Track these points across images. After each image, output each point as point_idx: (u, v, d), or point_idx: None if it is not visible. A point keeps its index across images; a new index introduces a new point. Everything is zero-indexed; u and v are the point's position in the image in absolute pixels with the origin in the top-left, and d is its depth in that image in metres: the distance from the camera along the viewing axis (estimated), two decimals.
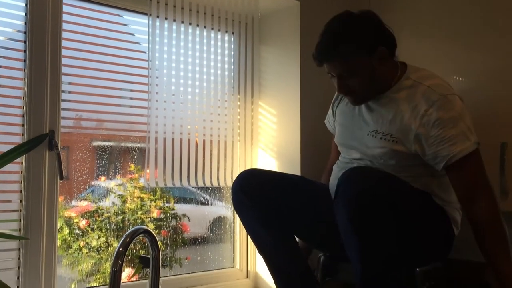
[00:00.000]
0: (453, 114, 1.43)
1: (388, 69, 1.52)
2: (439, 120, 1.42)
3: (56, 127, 1.74)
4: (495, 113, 1.85)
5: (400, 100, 1.50)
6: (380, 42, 1.47)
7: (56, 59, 1.75)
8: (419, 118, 1.44)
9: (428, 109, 1.43)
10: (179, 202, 2.24)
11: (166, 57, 1.96)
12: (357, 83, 1.49)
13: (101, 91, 1.90)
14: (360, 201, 1.32)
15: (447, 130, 1.42)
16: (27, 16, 1.71)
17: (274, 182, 1.66)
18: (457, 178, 1.47)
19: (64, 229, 1.93)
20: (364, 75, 1.48)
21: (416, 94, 1.47)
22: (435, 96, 1.44)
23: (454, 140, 1.42)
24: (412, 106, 1.46)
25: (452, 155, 1.42)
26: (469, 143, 1.43)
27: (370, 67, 1.47)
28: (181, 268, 2.15)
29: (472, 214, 1.45)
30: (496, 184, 1.81)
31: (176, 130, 1.97)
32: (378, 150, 1.52)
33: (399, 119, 1.48)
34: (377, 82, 1.52)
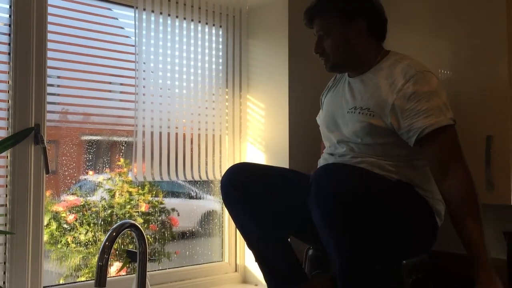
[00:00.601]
0: (429, 89, 1.46)
1: (366, 45, 1.58)
2: (415, 94, 1.45)
3: (42, 121, 1.73)
4: (480, 106, 1.86)
5: (379, 77, 1.55)
6: (362, 16, 1.56)
7: (41, 52, 1.73)
8: (396, 92, 1.48)
9: (405, 83, 1.47)
10: (168, 196, 2.24)
11: (153, 51, 1.95)
12: (330, 45, 1.58)
13: (88, 85, 1.89)
14: (332, 195, 1.30)
15: (422, 103, 1.45)
16: (12, 8, 1.69)
17: (263, 176, 1.66)
18: (430, 151, 1.47)
19: (52, 223, 1.92)
20: (338, 39, 1.57)
21: (395, 70, 1.52)
22: (412, 71, 1.48)
23: (428, 113, 1.44)
24: (390, 82, 1.51)
25: (425, 126, 1.44)
26: (444, 118, 1.44)
27: (345, 34, 1.56)
28: (170, 262, 2.15)
29: (445, 186, 1.45)
30: (482, 178, 1.82)
31: (163, 123, 1.97)
32: (356, 125, 1.54)
33: (377, 94, 1.52)
34: (350, 52, 1.58)
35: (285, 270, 1.64)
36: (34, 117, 1.71)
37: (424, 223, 1.54)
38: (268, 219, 1.61)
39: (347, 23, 1.56)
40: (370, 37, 1.59)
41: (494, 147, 1.80)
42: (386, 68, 1.55)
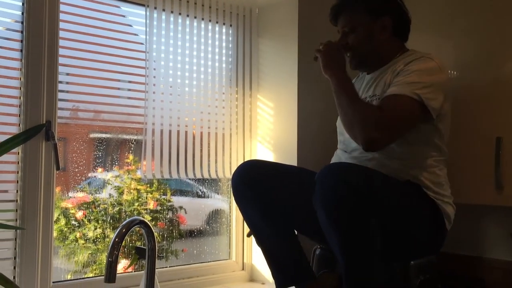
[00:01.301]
0: (414, 68, 1.47)
1: (389, 43, 1.61)
2: (401, 71, 1.49)
3: (53, 118, 1.74)
4: (490, 108, 1.86)
5: (390, 66, 1.59)
6: (388, 13, 1.59)
7: (53, 49, 1.75)
8: (392, 72, 1.53)
9: (401, 65, 1.52)
10: (176, 194, 2.24)
11: (163, 49, 1.96)
12: (356, 40, 1.61)
13: (98, 82, 1.90)
14: (336, 196, 1.29)
15: (398, 77, 1.48)
16: (24, 6, 1.70)
17: (274, 174, 1.67)
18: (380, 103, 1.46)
19: (61, 220, 1.93)
20: (363, 35, 1.60)
21: (403, 60, 1.56)
22: (412, 57, 1.53)
23: (395, 84, 1.46)
24: (394, 68, 1.55)
25: (385, 95, 1.46)
26: (406, 90, 1.42)
27: (370, 30, 1.59)
28: (177, 260, 2.16)
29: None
30: (491, 179, 1.81)
31: (173, 122, 1.97)
32: None
33: (383, 80, 1.56)
34: (374, 49, 1.61)
35: (293, 268, 1.65)
36: (45, 114, 1.72)
37: (431, 225, 1.52)
38: (278, 216, 1.62)
39: (373, 20, 1.59)
40: (395, 36, 1.62)
41: (503, 149, 1.79)
42: (400, 60, 1.58)
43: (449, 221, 1.56)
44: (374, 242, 1.33)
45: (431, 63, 1.49)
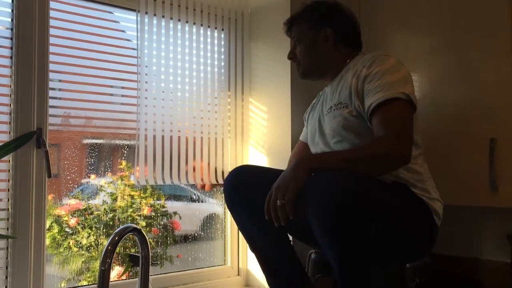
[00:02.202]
0: (380, 69, 1.49)
1: (335, 52, 1.68)
2: (368, 75, 1.50)
3: (44, 125, 1.72)
4: (484, 109, 1.86)
5: (347, 74, 1.61)
6: (329, 24, 1.68)
7: (43, 56, 1.73)
8: (356, 77, 1.54)
9: (362, 68, 1.53)
10: (170, 199, 2.23)
11: (155, 54, 1.95)
12: (300, 51, 1.72)
13: (90, 88, 1.89)
14: (326, 203, 1.28)
15: (373, 82, 1.48)
16: (14, 12, 1.69)
17: (266, 179, 1.65)
18: (374, 122, 1.47)
19: (54, 227, 1.92)
20: (307, 45, 1.70)
21: (359, 62, 1.59)
22: (369, 57, 1.55)
23: (377, 90, 1.46)
24: (353, 72, 1.57)
25: (371, 103, 1.46)
26: (392, 92, 1.44)
27: (314, 40, 1.69)
28: (172, 266, 2.14)
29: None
30: (486, 180, 1.82)
31: (166, 127, 1.96)
32: (333, 122, 1.58)
33: (345, 86, 1.58)
34: (319, 58, 1.70)
35: (288, 273, 1.64)
36: (36, 121, 1.71)
37: (422, 223, 1.52)
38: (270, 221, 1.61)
39: (316, 31, 1.68)
40: (340, 44, 1.68)
41: (497, 150, 1.80)
42: (353, 65, 1.62)
43: (438, 217, 1.56)
44: (367, 247, 1.32)
45: (391, 60, 1.53)
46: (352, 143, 1.55)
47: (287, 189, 1.32)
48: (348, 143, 1.56)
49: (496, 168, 1.80)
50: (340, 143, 1.58)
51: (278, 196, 1.33)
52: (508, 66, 1.81)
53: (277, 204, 1.33)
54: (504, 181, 1.79)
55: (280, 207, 1.32)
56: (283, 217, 1.33)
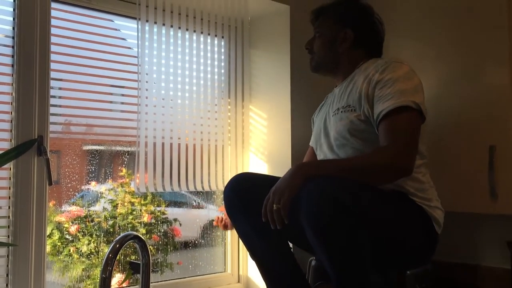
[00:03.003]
0: (393, 76, 1.48)
1: (351, 54, 1.67)
2: (380, 81, 1.49)
3: (45, 133, 1.73)
4: (484, 116, 1.87)
5: (358, 76, 1.61)
6: (352, 26, 1.66)
7: (44, 63, 1.74)
8: (367, 82, 1.53)
9: (375, 73, 1.52)
10: (170, 205, 2.23)
11: (155, 62, 1.96)
12: (318, 45, 1.72)
13: (91, 96, 1.89)
14: (321, 213, 1.28)
15: (385, 89, 1.47)
16: (15, 20, 1.70)
17: (267, 186, 1.65)
18: (381, 130, 1.46)
19: (54, 234, 1.92)
20: (325, 41, 1.70)
21: (371, 66, 1.58)
22: (382, 63, 1.55)
23: (388, 97, 1.45)
24: (365, 76, 1.56)
25: (382, 109, 1.45)
26: (403, 99, 1.43)
27: (333, 38, 1.68)
28: (172, 273, 2.14)
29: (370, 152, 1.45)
30: (486, 188, 1.82)
31: (166, 134, 1.97)
32: (339, 125, 1.57)
33: (354, 89, 1.57)
34: (333, 56, 1.69)
35: (289, 280, 1.64)
36: (37, 129, 1.71)
37: (422, 231, 1.52)
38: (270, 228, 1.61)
39: (338, 29, 1.67)
40: (358, 47, 1.67)
41: (497, 157, 1.80)
42: (364, 68, 1.61)
43: (439, 225, 1.55)
44: (364, 256, 1.32)
45: (405, 67, 1.52)
46: (355, 148, 1.54)
47: (283, 194, 1.34)
48: (351, 148, 1.55)
49: (496, 175, 1.80)
50: (343, 147, 1.58)
51: (275, 200, 1.35)
52: (507, 73, 1.81)
53: (273, 208, 1.34)
54: (504, 188, 1.79)
55: (276, 211, 1.35)
56: (279, 221, 1.35)
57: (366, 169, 1.40)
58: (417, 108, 1.44)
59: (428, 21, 2.06)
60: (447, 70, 2.00)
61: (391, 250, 1.44)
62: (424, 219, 1.52)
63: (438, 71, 2.03)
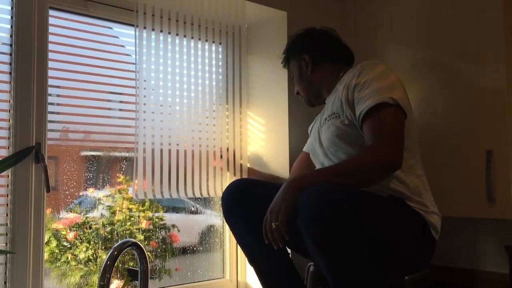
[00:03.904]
0: (369, 77, 1.53)
1: (320, 70, 1.77)
2: (357, 85, 1.54)
3: (42, 140, 1.73)
4: (480, 121, 1.87)
5: (339, 85, 1.67)
6: (305, 51, 1.79)
7: (42, 71, 1.74)
8: (346, 88, 1.58)
9: (352, 78, 1.57)
10: (169, 211, 2.23)
11: (153, 68, 1.96)
12: (297, 85, 1.85)
13: (89, 103, 1.89)
14: (319, 219, 1.28)
15: (362, 91, 1.51)
16: (13, 28, 1.70)
17: (264, 192, 1.66)
18: (364, 130, 1.49)
19: (52, 241, 1.91)
20: (297, 78, 1.83)
21: (349, 74, 1.64)
22: (358, 67, 1.60)
23: (366, 98, 1.49)
24: (344, 83, 1.61)
25: (361, 110, 1.48)
26: (380, 97, 1.46)
27: (300, 71, 1.81)
28: (171, 279, 2.14)
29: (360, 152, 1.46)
30: (483, 192, 1.82)
31: (164, 140, 1.96)
32: (328, 132, 1.62)
33: (337, 97, 1.62)
34: (311, 84, 1.80)
35: (287, 286, 1.64)
36: (35, 136, 1.71)
37: (419, 238, 1.53)
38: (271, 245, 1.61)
39: (298, 62, 1.81)
40: (322, 62, 1.76)
41: (494, 162, 1.81)
42: (346, 77, 1.65)
43: (436, 230, 1.55)
44: (362, 263, 1.32)
45: (380, 67, 1.56)
46: (346, 152, 1.56)
47: (280, 210, 1.34)
48: (343, 153, 1.57)
49: (493, 179, 1.81)
50: (336, 153, 1.60)
51: (273, 219, 1.35)
52: (503, 77, 1.82)
53: (272, 226, 1.34)
54: (501, 193, 1.80)
55: (275, 229, 1.34)
56: (280, 238, 1.34)
57: (357, 170, 1.41)
58: (395, 104, 1.46)
59: (424, 27, 2.07)
60: (444, 75, 2.01)
61: (388, 256, 1.44)
62: (421, 224, 1.52)
63: (435, 76, 2.04)
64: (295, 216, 1.33)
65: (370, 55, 2.27)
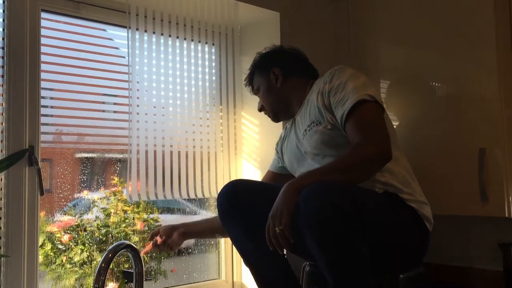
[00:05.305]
0: (341, 80, 1.56)
1: (290, 82, 1.78)
2: (331, 89, 1.57)
3: (36, 143, 1.72)
4: (473, 119, 1.88)
5: (310, 96, 1.70)
6: (275, 64, 1.79)
7: (34, 74, 1.74)
8: (320, 95, 1.60)
9: (324, 85, 1.59)
10: (164, 212, 2.23)
11: (146, 70, 1.96)
12: (263, 99, 1.83)
13: (82, 105, 1.89)
14: (320, 217, 1.28)
15: (338, 94, 1.54)
16: (5, 31, 1.70)
17: (260, 192, 1.66)
18: (348, 129, 1.51)
19: (46, 244, 1.91)
20: (264, 90, 1.81)
21: (318, 83, 1.67)
22: (327, 74, 1.62)
23: (344, 100, 1.52)
24: (316, 92, 1.63)
25: (342, 112, 1.51)
26: (357, 95, 1.49)
27: (268, 84, 1.80)
28: (166, 281, 2.14)
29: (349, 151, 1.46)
30: (476, 190, 1.83)
31: (158, 142, 1.96)
32: (312, 141, 1.62)
33: (312, 107, 1.64)
34: (279, 98, 1.79)
35: (282, 286, 1.64)
36: (28, 139, 1.71)
37: (415, 231, 1.54)
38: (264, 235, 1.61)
39: (267, 75, 1.80)
40: (292, 76, 1.78)
41: (487, 160, 1.82)
42: (314, 88, 1.69)
43: (430, 222, 1.58)
44: (362, 259, 1.33)
45: (349, 70, 1.60)
46: (333, 156, 1.57)
47: (282, 214, 1.33)
48: (330, 158, 1.58)
49: (486, 177, 1.82)
50: (323, 159, 1.60)
51: (276, 224, 1.34)
52: (496, 77, 1.83)
53: (276, 231, 1.33)
54: (494, 191, 1.81)
55: (279, 233, 1.33)
56: (285, 243, 1.33)
57: (351, 167, 1.42)
58: (373, 100, 1.50)
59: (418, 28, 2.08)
60: (438, 74, 2.02)
61: (387, 252, 1.45)
62: (416, 219, 1.54)
63: (429, 76, 2.05)
64: (296, 217, 1.33)
65: (363, 56, 2.27)
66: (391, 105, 2.14)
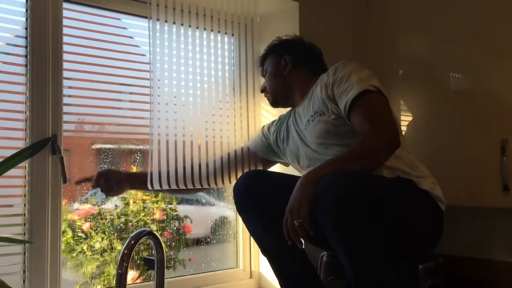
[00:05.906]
0: (345, 72, 1.58)
1: (298, 76, 1.83)
2: (335, 81, 1.60)
3: (58, 131, 1.75)
4: (495, 110, 1.87)
5: (315, 88, 1.73)
6: (289, 52, 1.86)
7: (57, 63, 1.76)
8: (324, 87, 1.63)
9: (328, 78, 1.63)
10: (181, 203, 2.25)
11: (167, 60, 1.97)
12: (267, 81, 1.90)
13: (102, 95, 1.91)
14: (339, 207, 1.29)
15: (342, 85, 1.56)
16: (28, 21, 1.72)
17: (277, 182, 1.67)
18: (354, 118, 1.52)
19: (67, 232, 1.94)
20: (271, 74, 1.88)
21: (323, 77, 1.69)
22: (331, 67, 1.66)
23: (348, 90, 1.54)
24: (321, 85, 1.67)
25: (346, 102, 1.53)
26: (361, 86, 1.51)
27: (276, 68, 1.87)
28: (184, 269, 2.16)
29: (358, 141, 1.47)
30: (497, 181, 1.82)
31: (178, 132, 1.98)
32: (315, 131, 1.64)
33: (316, 99, 1.67)
34: (284, 85, 1.85)
35: (300, 276, 1.65)
36: (51, 128, 1.73)
37: (430, 214, 1.56)
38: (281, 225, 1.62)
39: (278, 60, 1.86)
40: (301, 66, 1.84)
41: (508, 151, 1.80)
42: (319, 81, 1.71)
43: (442, 202, 1.59)
44: (381, 247, 1.34)
45: (353, 62, 1.63)
46: (339, 144, 1.58)
47: (301, 207, 1.33)
48: (335, 147, 1.59)
49: (508, 168, 1.80)
50: (327, 148, 1.61)
51: (294, 217, 1.34)
52: None
53: (295, 225, 1.33)
54: None
55: (298, 226, 1.33)
56: (304, 236, 1.33)
57: (364, 155, 1.43)
58: (377, 90, 1.52)
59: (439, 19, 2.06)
60: (458, 64, 2.01)
61: (405, 238, 1.46)
62: (430, 201, 1.56)
63: (451, 66, 2.03)
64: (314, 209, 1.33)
65: (383, 47, 2.26)
66: (410, 96, 2.13)
